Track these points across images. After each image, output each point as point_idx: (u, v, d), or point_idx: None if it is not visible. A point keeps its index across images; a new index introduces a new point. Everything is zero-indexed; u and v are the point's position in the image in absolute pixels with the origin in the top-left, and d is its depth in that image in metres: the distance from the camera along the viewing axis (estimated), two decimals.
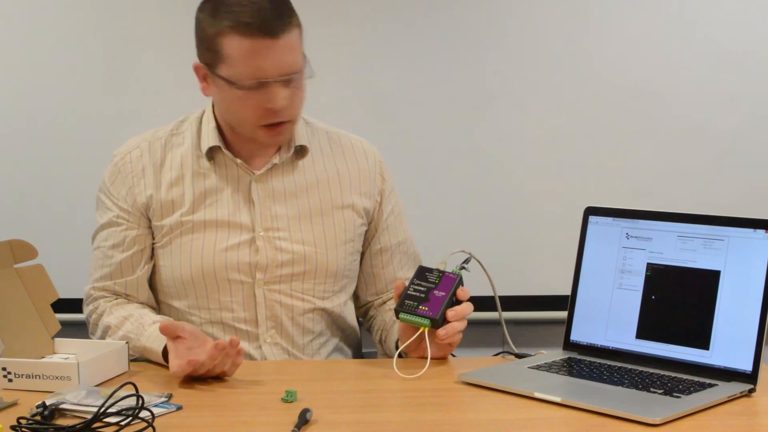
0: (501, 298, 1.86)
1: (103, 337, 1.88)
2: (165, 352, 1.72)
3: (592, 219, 1.81)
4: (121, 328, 1.85)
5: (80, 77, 3.04)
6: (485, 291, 1.85)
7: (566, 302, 1.80)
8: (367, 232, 2.01)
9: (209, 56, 1.81)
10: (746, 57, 3.11)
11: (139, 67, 3.05)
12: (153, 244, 1.93)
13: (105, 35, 3.04)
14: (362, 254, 2.02)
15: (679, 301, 1.68)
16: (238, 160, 1.90)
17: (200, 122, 1.94)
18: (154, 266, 1.94)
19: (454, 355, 1.84)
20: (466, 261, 1.79)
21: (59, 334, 1.75)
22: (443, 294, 1.74)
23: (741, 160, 3.13)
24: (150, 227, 1.93)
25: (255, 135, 1.85)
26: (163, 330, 1.66)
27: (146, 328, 1.82)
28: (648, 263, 1.72)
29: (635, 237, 1.75)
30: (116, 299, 1.93)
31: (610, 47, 3.11)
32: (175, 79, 3.04)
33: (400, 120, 3.10)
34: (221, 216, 1.89)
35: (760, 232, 1.62)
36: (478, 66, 3.11)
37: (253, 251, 1.88)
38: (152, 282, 1.96)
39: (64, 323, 1.79)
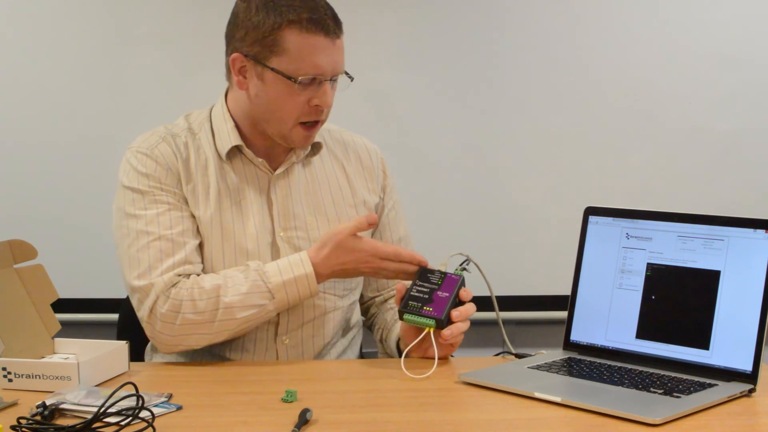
0: (501, 298, 1.86)
1: (213, 303, 1.74)
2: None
3: (592, 219, 1.81)
4: (231, 284, 1.75)
5: (80, 77, 3.04)
6: (486, 291, 1.85)
7: (566, 302, 1.80)
8: None
9: (259, 49, 1.79)
10: (746, 57, 3.11)
11: (139, 67, 3.05)
12: None
13: (105, 35, 3.04)
14: None
15: (679, 301, 1.68)
16: (259, 159, 1.88)
17: (210, 121, 1.92)
18: None
19: (452, 356, 1.84)
20: (465, 263, 1.79)
21: (59, 334, 1.75)
22: (447, 295, 1.74)
23: (741, 160, 3.13)
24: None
25: (290, 134, 1.84)
26: (372, 218, 1.76)
27: (263, 270, 1.77)
28: (648, 263, 1.72)
29: (635, 237, 1.75)
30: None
31: (610, 47, 3.12)
32: (175, 79, 3.04)
33: (400, 120, 3.10)
34: (245, 217, 1.86)
35: (760, 232, 1.62)
36: (477, 66, 3.11)
37: (275, 252, 1.87)
38: None
39: (64, 323, 1.79)
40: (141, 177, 1.84)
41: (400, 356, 1.76)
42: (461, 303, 1.76)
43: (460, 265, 1.79)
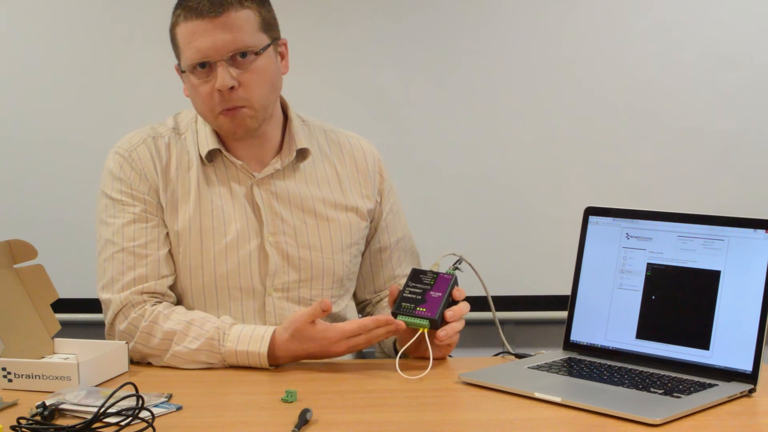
0: (502, 297, 1.86)
1: (165, 345, 1.76)
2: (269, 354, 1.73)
3: (592, 219, 1.81)
4: (189, 334, 1.76)
5: (80, 77, 3.04)
6: (485, 291, 1.85)
7: (566, 302, 1.80)
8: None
9: (175, 53, 1.86)
10: (746, 57, 3.11)
11: (138, 67, 3.05)
12: None
13: (104, 35, 3.04)
14: (362, 254, 2.02)
15: (679, 301, 1.68)
16: (239, 162, 1.87)
17: (196, 122, 1.91)
18: None
19: (451, 356, 1.84)
20: (458, 262, 1.79)
21: (59, 334, 1.75)
22: (440, 295, 1.74)
23: (741, 160, 3.13)
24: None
25: (218, 125, 1.83)
26: (326, 305, 1.68)
27: (227, 331, 1.75)
28: (648, 263, 1.72)
29: (635, 237, 1.75)
30: (161, 302, 1.82)
31: (609, 47, 3.11)
32: (174, 79, 3.04)
33: (399, 120, 3.10)
34: (227, 221, 1.85)
35: (760, 232, 1.62)
36: (477, 66, 3.11)
37: (263, 258, 1.86)
38: None
39: (64, 323, 1.79)
40: (114, 182, 1.87)
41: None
42: (455, 302, 1.76)
43: (453, 264, 1.79)
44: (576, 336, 1.79)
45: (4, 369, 1.60)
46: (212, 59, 1.77)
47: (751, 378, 1.58)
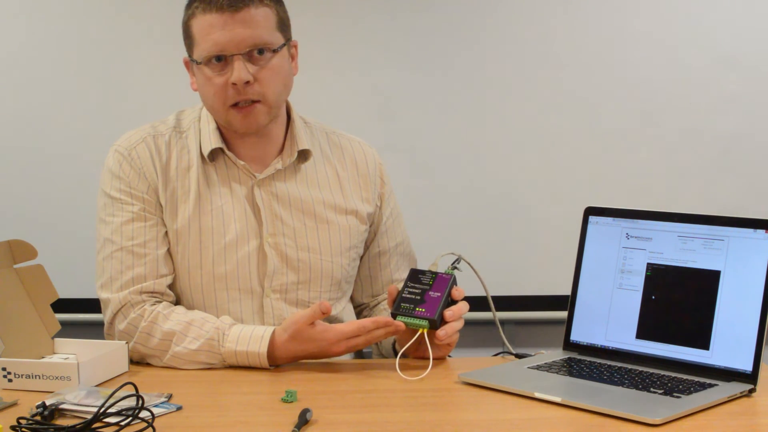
0: (502, 297, 1.86)
1: (165, 346, 1.76)
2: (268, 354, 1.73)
3: (592, 219, 1.81)
4: (188, 334, 1.76)
5: (80, 77, 3.04)
6: (484, 291, 1.85)
7: (566, 302, 1.80)
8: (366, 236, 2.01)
9: (187, 45, 1.85)
10: (746, 57, 3.11)
11: (140, 67, 3.05)
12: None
13: (104, 35, 3.05)
14: (360, 257, 2.02)
15: (679, 301, 1.68)
16: (241, 162, 1.87)
17: (199, 121, 1.91)
18: None
19: (451, 356, 1.84)
20: (457, 262, 1.79)
21: (59, 334, 1.75)
22: (438, 295, 1.74)
23: (741, 161, 3.14)
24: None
25: (228, 119, 1.83)
26: (325, 307, 1.69)
27: (226, 332, 1.75)
28: (648, 263, 1.72)
29: (635, 237, 1.75)
30: (160, 302, 1.82)
31: (610, 47, 3.12)
32: (174, 79, 3.04)
33: (399, 120, 3.10)
34: (227, 221, 1.85)
35: (760, 232, 1.62)
36: (477, 66, 3.11)
37: (262, 259, 1.86)
38: None
39: (64, 323, 1.79)
40: (114, 180, 1.87)
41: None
42: (454, 302, 1.76)
43: (451, 264, 1.79)
44: (576, 336, 1.79)
45: (4, 369, 1.60)
46: (229, 53, 1.78)
47: (751, 378, 1.58)
